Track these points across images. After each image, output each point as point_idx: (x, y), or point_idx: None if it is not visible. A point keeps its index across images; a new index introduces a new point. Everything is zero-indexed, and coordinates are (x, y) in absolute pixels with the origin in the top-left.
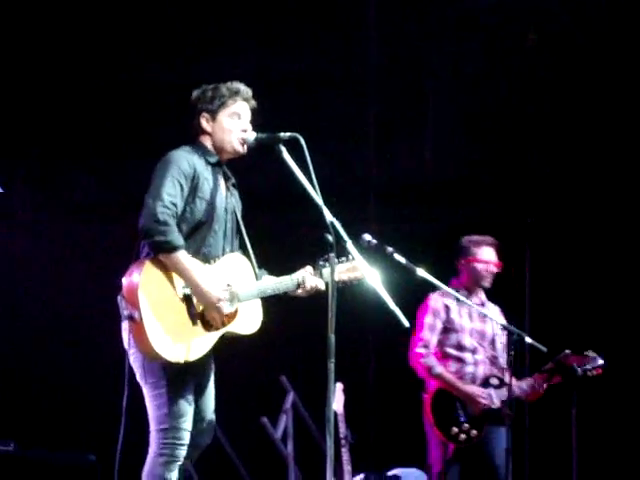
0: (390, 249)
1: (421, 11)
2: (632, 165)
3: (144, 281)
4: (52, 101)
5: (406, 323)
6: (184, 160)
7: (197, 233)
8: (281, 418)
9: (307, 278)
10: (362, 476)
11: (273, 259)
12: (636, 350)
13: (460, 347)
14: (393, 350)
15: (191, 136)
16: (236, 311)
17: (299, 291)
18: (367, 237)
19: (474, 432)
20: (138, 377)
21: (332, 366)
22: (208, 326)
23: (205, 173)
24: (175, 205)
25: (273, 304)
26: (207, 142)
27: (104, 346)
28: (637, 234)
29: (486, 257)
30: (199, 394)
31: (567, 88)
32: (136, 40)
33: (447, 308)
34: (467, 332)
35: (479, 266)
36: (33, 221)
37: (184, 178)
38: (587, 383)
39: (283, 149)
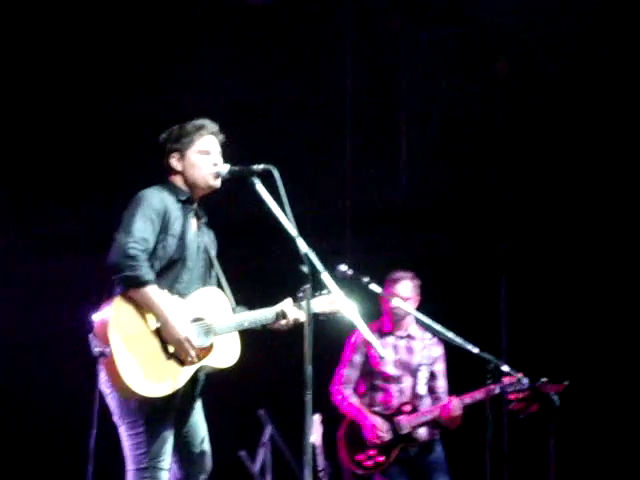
0: (366, 279)
1: (393, 39)
2: (605, 191)
3: (114, 316)
4: (25, 133)
5: (383, 353)
6: (155, 197)
7: (170, 270)
8: (259, 451)
9: (288, 310)
10: None
11: (250, 291)
12: (613, 376)
13: (385, 378)
14: None
15: (163, 175)
16: (212, 345)
17: (282, 322)
18: (343, 267)
19: (382, 458)
20: (115, 418)
21: (309, 398)
22: (183, 359)
23: (175, 211)
24: (146, 240)
25: (250, 337)
26: (178, 181)
27: (73, 382)
28: (612, 260)
29: (398, 292)
30: (184, 424)
31: (539, 115)
32: (111, 74)
33: (367, 343)
34: (391, 363)
35: (393, 305)
36: (3, 253)
37: (155, 215)
38: (565, 411)
39: (257, 181)
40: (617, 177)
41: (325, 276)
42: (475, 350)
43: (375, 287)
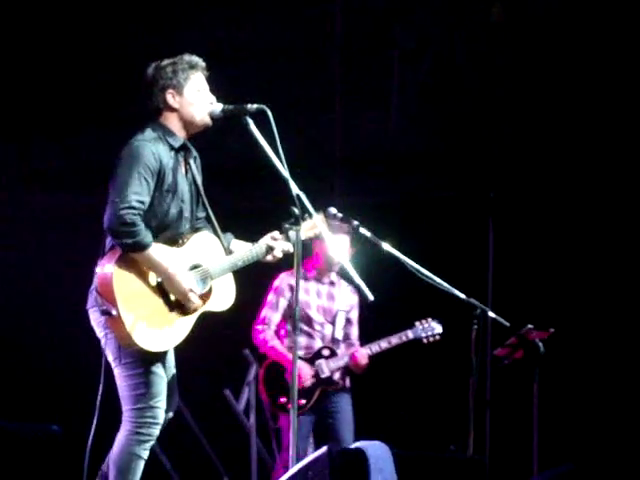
0: (356, 222)
1: None
2: (594, 137)
3: (117, 276)
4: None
5: (371, 296)
6: (150, 154)
7: (168, 223)
8: (244, 390)
9: (276, 243)
10: (325, 449)
11: (240, 232)
12: (598, 324)
13: (309, 322)
14: (359, 318)
15: (151, 114)
16: (210, 289)
17: (268, 257)
18: (333, 210)
19: (302, 401)
20: (111, 358)
21: (298, 338)
22: (185, 310)
23: (170, 163)
24: (142, 202)
25: (237, 277)
26: (172, 120)
27: (69, 318)
28: (600, 207)
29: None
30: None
31: (531, 62)
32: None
33: (291, 287)
34: (314, 309)
35: (330, 252)
36: None
37: (150, 174)
38: (549, 358)
39: (250, 121)
40: (609, 123)
41: (315, 217)
42: (462, 296)
43: (364, 230)
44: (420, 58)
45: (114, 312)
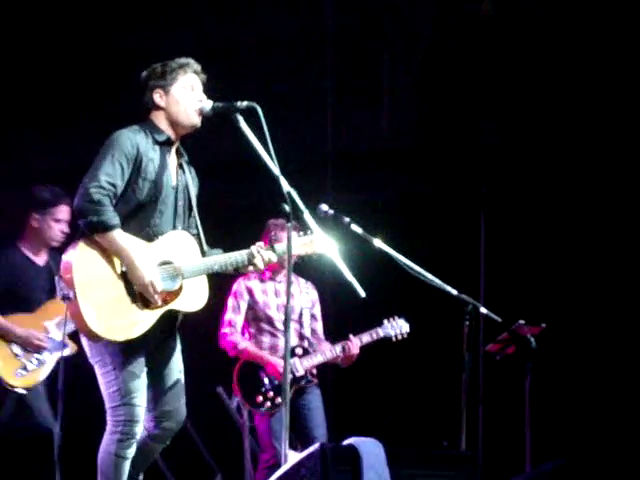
0: (347, 219)
1: None
2: (585, 131)
3: (78, 260)
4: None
5: (362, 293)
6: (127, 140)
7: (140, 213)
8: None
9: (258, 253)
10: (317, 446)
11: (229, 230)
12: (590, 319)
13: (270, 322)
14: (351, 315)
15: (142, 114)
16: (180, 288)
17: (250, 267)
18: (324, 207)
19: (278, 400)
20: (89, 357)
21: (289, 336)
22: (149, 303)
23: (150, 153)
24: (113, 185)
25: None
26: (159, 118)
27: None
28: (592, 202)
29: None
30: (157, 379)
31: (522, 57)
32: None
33: (249, 289)
34: (274, 308)
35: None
36: None
37: (125, 159)
38: (542, 354)
39: (240, 118)
40: (600, 117)
41: (306, 215)
42: (454, 292)
43: (356, 227)
44: (411, 55)
45: (71, 295)
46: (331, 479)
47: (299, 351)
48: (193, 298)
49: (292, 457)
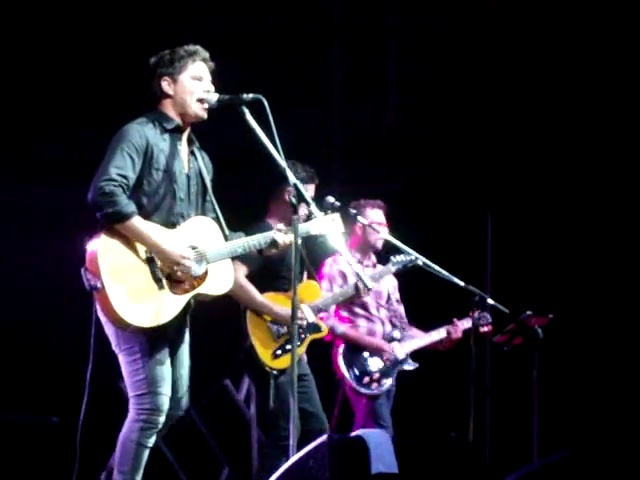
0: (354, 211)
1: None
2: (592, 126)
3: (103, 249)
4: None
5: (370, 285)
6: (135, 133)
7: (161, 203)
8: (244, 380)
9: (279, 235)
10: (325, 437)
11: (239, 221)
12: (597, 310)
13: (365, 307)
14: None
15: (151, 103)
16: (206, 272)
17: (273, 250)
18: (330, 199)
19: (383, 381)
20: (113, 346)
21: (296, 328)
22: (176, 288)
23: (160, 143)
24: (124, 177)
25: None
26: (168, 107)
27: (70, 309)
28: (598, 195)
29: (377, 220)
30: (171, 355)
31: (530, 50)
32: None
33: (342, 274)
34: (368, 292)
35: (368, 228)
36: None
37: (135, 151)
38: (548, 344)
39: (246, 111)
40: (607, 111)
41: (313, 207)
42: (461, 283)
43: (362, 219)
44: (417, 46)
45: (99, 285)
46: (339, 470)
47: (397, 335)
48: (219, 281)
49: None
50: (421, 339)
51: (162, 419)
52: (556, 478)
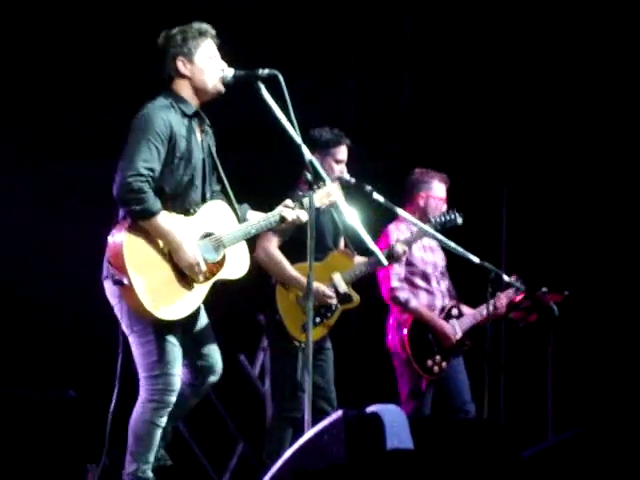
0: (369, 188)
1: None
2: (610, 103)
3: (127, 244)
4: (34, 36)
5: (385, 262)
6: (160, 121)
7: (180, 191)
8: (258, 355)
9: (289, 211)
10: (340, 413)
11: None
12: (612, 287)
13: (427, 279)
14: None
15: (164, 82)
16: (224, 258)
17: (283, 225)
18: (346, 176)
19: (444, 364)
20: (124, 326)
21: (311, 305)
22: (196, 281)
23: (182, 130)
24: (151, 170)
25: (250, 242)
26: (183, 87)
27: (86, 284)
28: (614, 172)
29: (438, 193)
30: (192, 327)
31: (547, 27)
32: None
33: (410, 242)
34: (429, 263)
35: (431, 201)
36: (16, 157)
37: (161, 142)
38: (564, 321)
39: (262, 86)
40: (622, 90)
41: (328, 184)
42: (476, 260)
43: (377, 196)
44: (433, 25)
45: (125, 281)
46: (354, 446)
47: (455, 312)
48: (236, 265)
49: None
50: (473, 317)
51: (173, 399)
52: (570, 455)
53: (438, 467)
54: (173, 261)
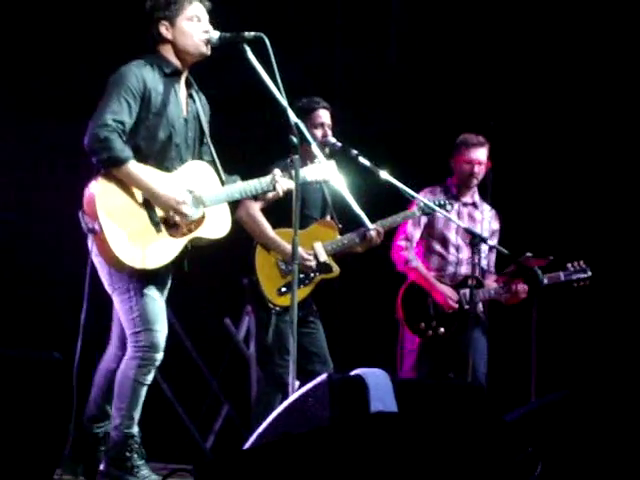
0: (354, 151)
1: None
2: (596, 62)
3: (100, 193)
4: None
5: (370, 225)
6: (132, 76)
7: (157, 148)
8: (243, 319)
9: (277, 180)
10: (324, 376)
11: (237, 162)
12: (598, 251)
13: (444, 243)
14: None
15: (149, 46)
16: (203, 216)
17: (270, 195)
18: (331, 140)
19: (441, 330)
20: (106, 285)
21: (296, 267)
22: (174, 232)
23: (158, 87)
24: (120, 122)
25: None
26: (167, 50)
27: (66, 246)
28: (601, 134)
29: (472, 157)
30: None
31: None
32: None
33: (417, 219)
34: (453, 229)
35: (464, 166)
36: None
37: (132, 96)
38: (549, 287)
39: (247, 49)
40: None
41: (314, 147)
42: (461, 224)
43: (363, 159)
44: None
45: (97, 227)
46: (338, 410)
47: (473, 282)
48: (216, 226)
49: None
50: (494, 291)
51: (159, 356)
52: (553, 418)
53: (422, 430)
54: (148, 210)
